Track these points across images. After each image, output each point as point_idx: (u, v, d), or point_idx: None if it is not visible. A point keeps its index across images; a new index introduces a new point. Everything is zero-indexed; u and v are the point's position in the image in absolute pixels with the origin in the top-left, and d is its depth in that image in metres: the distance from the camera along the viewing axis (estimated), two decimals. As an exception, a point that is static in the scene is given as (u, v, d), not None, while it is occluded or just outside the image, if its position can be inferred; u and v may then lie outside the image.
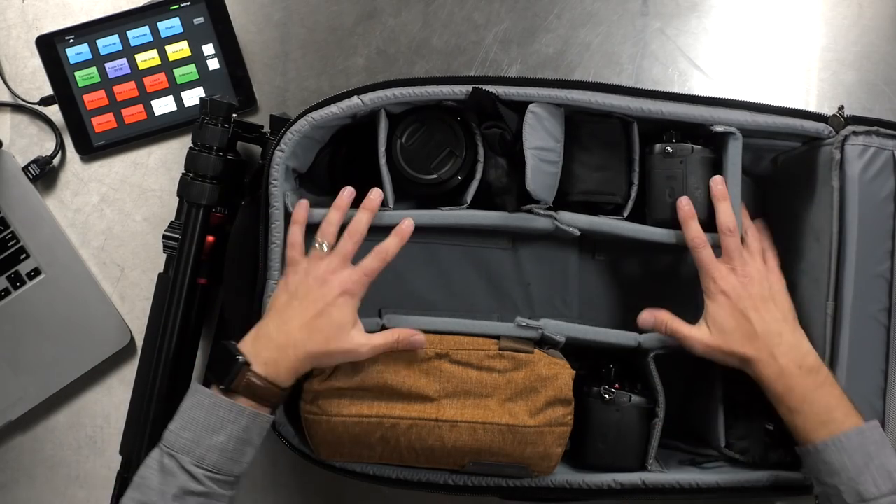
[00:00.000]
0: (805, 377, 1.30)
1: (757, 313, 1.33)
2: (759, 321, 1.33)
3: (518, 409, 1.31)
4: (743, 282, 1.35)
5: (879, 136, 1.37)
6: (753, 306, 1.34)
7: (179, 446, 1.20)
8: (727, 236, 1.37)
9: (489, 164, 1.39)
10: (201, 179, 1.42)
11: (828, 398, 1.29)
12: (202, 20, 1.56)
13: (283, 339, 1.26)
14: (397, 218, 1.37)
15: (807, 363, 1.31)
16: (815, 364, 1.32)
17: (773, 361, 1.31)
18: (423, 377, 1.31)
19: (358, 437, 1.32)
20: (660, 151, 1.41)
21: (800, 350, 1.33)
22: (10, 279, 1.55)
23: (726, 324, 1.34)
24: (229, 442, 1.21)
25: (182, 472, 1.19)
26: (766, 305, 1.35)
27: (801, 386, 1.30)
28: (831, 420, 1.27)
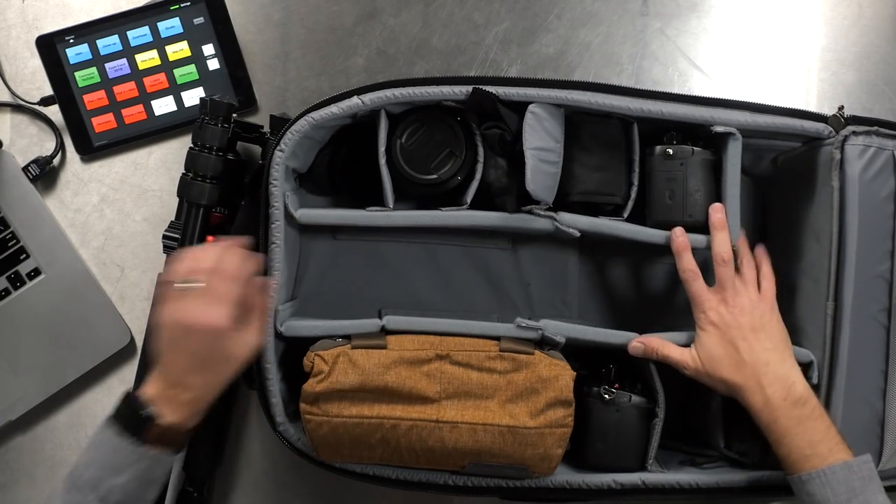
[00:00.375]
0: (790, 409, 1.30)
1: (745, 342, 1.34)
2: (748, 350, 1.33)
3: (518, 411, 1.31)
4: (733, 312, 1.35)
5: (879, 136, 1.38)
6: (742, 336, 1.34)
7: (83, 482, 1.20)
8: (721, 266, 1.37)
9: (489, 164, 1.39)
10: (201, 179, 1.42)
11: (812, 432, 1.29)
12: (202, 20, 1.56)
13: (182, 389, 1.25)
14: (397, 218, 1.37)
15: (793, 394, 1.31)
16: (803, 396, 1.32)
17: (759, 390, 1.32)
18: (423, 378, 1.31)
19: (358, 438, 1.31)
20: (660, 153, 1.41)
21: (787, 380, 1.32)
22: (10, 279, 1.55)
23: (715, 352, 1.35)
24: (131, 483, 1.21)
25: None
26: (756, 335, 1.35)
27: (785, 418, 1.30)
28: (815, 454, 1.27)
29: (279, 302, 1.38)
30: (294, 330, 1.38)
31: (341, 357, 1.31)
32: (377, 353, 1.32)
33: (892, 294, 1.38)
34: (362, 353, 1.32)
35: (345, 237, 1.51)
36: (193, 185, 1.42)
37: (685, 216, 1.40)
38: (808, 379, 1.37)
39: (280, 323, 1.37)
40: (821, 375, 1.38)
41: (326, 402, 1.31)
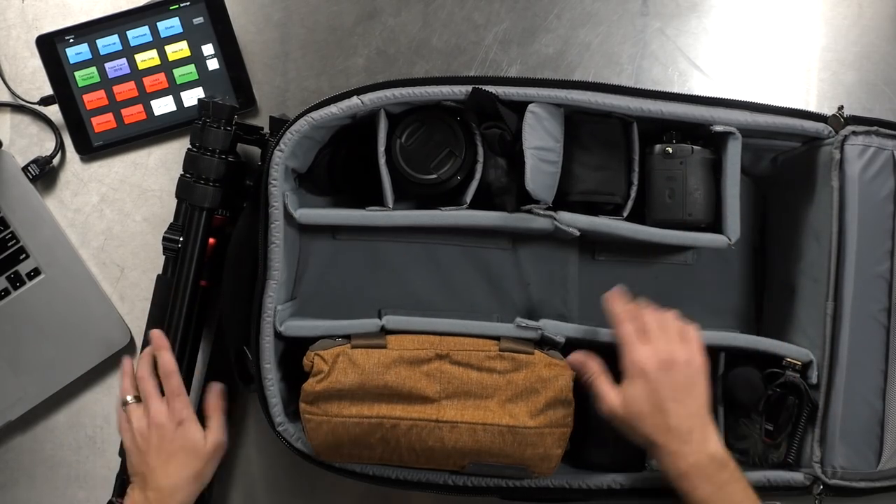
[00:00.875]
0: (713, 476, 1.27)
1: (674, 404, 1.28)
2: (675, 416, 1.28)
3: (518, 411, 1.31)
4: (664, 363, 1.30)
5: (879, 136, 1.38)
6: (672, 397, 1.28)
7: None
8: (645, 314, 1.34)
9: (489, 164, 1.39)
10: (204, 182, 1.42)
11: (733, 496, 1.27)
12: (202, 20, 1.56)
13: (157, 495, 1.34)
14: (397, 218, 1.37)
15: (715, 462, 1.28)
16: (724, 460, 1.28)
17: (680, 459, 1.28)
18: (423, 378, 1.31)
19: (358, 438, 1.31)
20: (660, 152, 1.41)
21: (708, 447, 1.28)
22: (10, 279, 1.55)
23: (642, 408, 1.29)
24: None
25: None
26: (684, 398, 1.29)
27: (706, 485, 1.26)
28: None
29: (279, 302, 1.38)
30: (294, 330, 1.38)
31: (341, 357, 1.31)
32: (377, 352, 1.32)
33: (891, 294, 1.38)
34: (362, 352, 1.32)
35: (344, 237, 1.51)
36: (196, 188, 1.42)
37: (685, 215, 1.40)
38: (808, 379, 1.37)
39: (280, 323, 1.37)
40: (821, 375, 1.38)
41: (326, 401, 1.31)
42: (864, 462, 1.38)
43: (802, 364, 1.38)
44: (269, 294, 1.36)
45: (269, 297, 1.36)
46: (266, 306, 1.37)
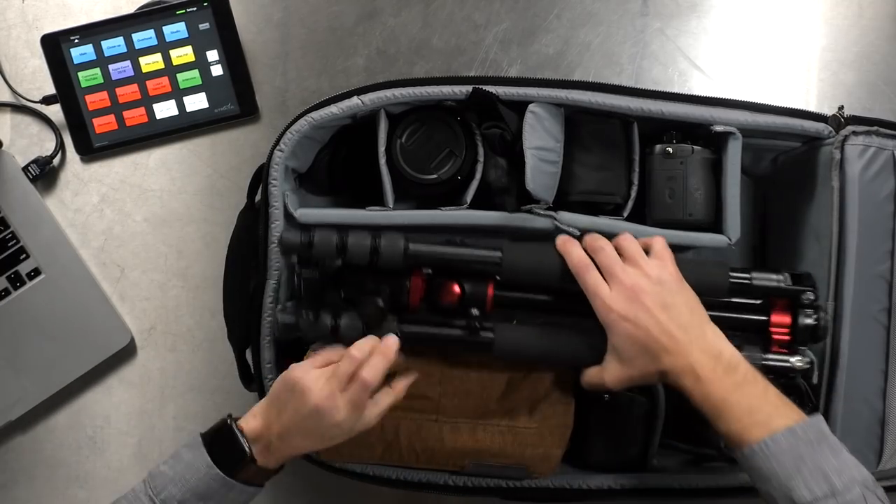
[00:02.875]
0: (722, 378, 1.18)
1: (659, 326, 1.21)
2: (663, 334, 1.21)
3: (518, 410, 1.31)
4: (633, 296, 1.22)
5: (879, 136, 1.37)
6: (654, 320, 1.21)
7: (165, 497, 1.19)
8: (599, 254, 1.27)
9: (489, 164, 1.39)
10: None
11: (749, 399, 1.17)
12: (208, 26, 1.56)
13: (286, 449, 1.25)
14: (396, 218, 1.36)
15: (722, 363, 1.19)
16: (733, 361, 1.20)
17: (688, 369, 1.19)
18: (424, 379, 1.31)
19: (358, 438, 1.29)
20: (660, 152, 1.40)
21: (713, 350, 1.21)
22: (10, 279, 1.55)
23: (632, 350, 1.22)
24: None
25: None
26: (668, 312, 1.22)
27: (717, 389, 1.18)
28: (755, 423, 1.15)
29: (282, 300, 1.38)
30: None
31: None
32: None
33: (892, 294, 1.37)
34: None
35: (345, 236, 1.50)
36: None
37: (685, 214, 1.40)
38: (808, 379, 1.36)
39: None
40: (821, 375, 1.37)
41: None
42: (865, 462, 1.36)
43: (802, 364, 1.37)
44: (269, 294, 1.36)
45: (269, 297, 1.36)
46: (266, 306, 1.36)
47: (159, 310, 1.60)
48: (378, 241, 1.30)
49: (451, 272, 1.32)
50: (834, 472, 1.11)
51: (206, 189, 1.60)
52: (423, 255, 1.32)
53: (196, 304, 1.59)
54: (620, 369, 1.23)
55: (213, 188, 1.60)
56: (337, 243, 1.30)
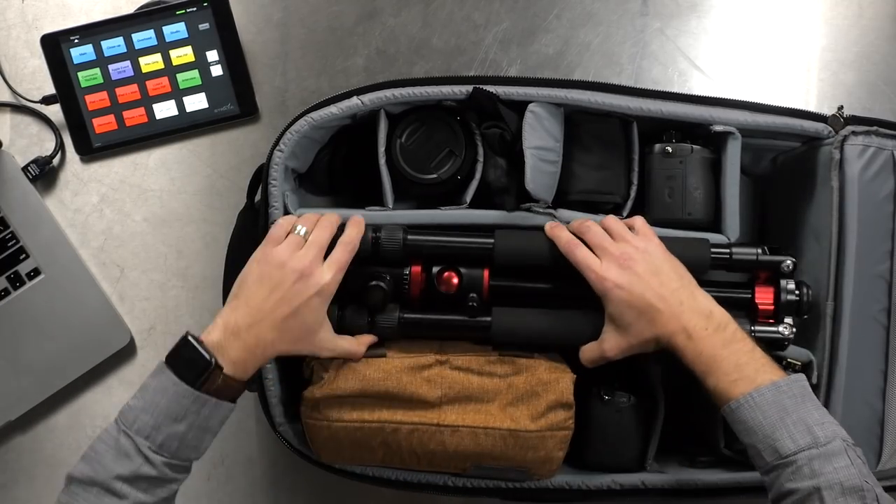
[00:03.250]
0: (713, 336, 1.23)
1: (652, 291, 1.25)
2: (657, 298, 1.25)
3: (519, 414, 1.31)
4: (625, 265, 1.27)
5: (879, 136, 1.37)
6: (646, 285, 1.26)
7: (137, 428, 1.16)
8: (586, 234, 1.31)
9: (489, 163, 1.38)
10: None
11: (737, 355, 1.21)
12: (207, 26, 1.56)
13: (253, 340, 1.23)
14: (396, 217, 1.36)
15: (713, 322, 1.24)
16: (722, 321, 1.24)
17: (680, 330, 1.24)
18: (424, 383, 1.30)
19: (359, 442, 1.31)
20: (659, 151, 1.40)
21: (703, 311, 1.25)
22: (10, 279, 1.55)
23: (628, 316, 1.26)
24: (190, 430, 1.18)
25: (138, 455, 1.15)
26: (658, 278, 1.27)
27: (708, 346, 1.22)
28: (742, 377, 1.19)
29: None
30: None
31: (341, 364, 1.31)
32: (377, 360, 1.32)
33: (891, 294, 1.37)
34: (362, 361, 1.32)
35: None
36: None
37: (684, 214, 1.40)
38: (808, 378, 1.36)
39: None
40: (820, 375, 1.37)
41: (327, 407, 1.31)
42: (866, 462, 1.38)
43: (802, 364, 1.36)
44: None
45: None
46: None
47: (159, 310, 1.59)
48: (378, 233, 1.33)
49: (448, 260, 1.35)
50: (817, 425, 1.15)
51: (206, 189, 1.59)
52: (421, 245, 1.34)
53: (196, 304, 1.59)
54: (618, 338, 1.28)
55: (212, 188, 1.59)
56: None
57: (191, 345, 1.20)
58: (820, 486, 1.11)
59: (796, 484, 1.12)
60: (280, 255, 1.26)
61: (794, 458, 1.13)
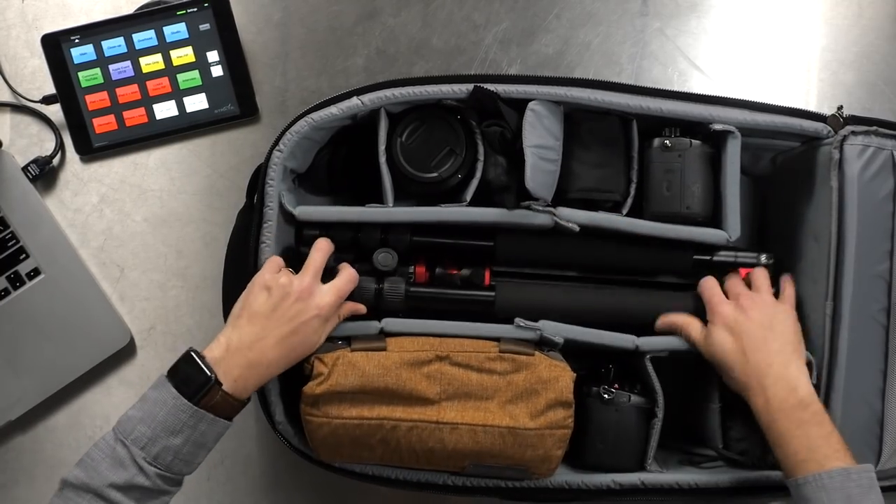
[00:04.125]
0: (791, 412, 1.26)
1: (752, 342, 1.32)
2: (753, 350, 1.31)
3: (518, 412, 1.30)
4: (745, 310, 1.34)
5: (878, 136, 1.37)
6: (751, 334, 1.32)
7: (134, 438, 1.18)
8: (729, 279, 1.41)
9: (489, 162, 1.38)
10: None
11: (811, 438, 1.24)
12: (208, 27, 1.56)
13: (256, 357, 1.25)
14: (397, 214, 1.37)
15: (795, 397, 1.28)
16: (805, 400, 1.28)
17: (761, 391, 1.29)
18: (423, 380, 1.30)
19: (358, 439, 1.31)
20: (658, 145, 1.40)
21: (790, 383, 1.29)
22: (10, 279, 1.54)
23: (724, 347, 1.33)
24: (185, 445, 1.20)
25: (133, 465, 1.17)
26: (765, 334, 1.32)
27: (784, 420, 1.26)
28: (812, 459, 1.23)
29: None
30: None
31: (341, 360, 1.31)
32: (377, 355, 1.31)
33: (891, 294, 1.37)
34: (362, 355, 1.31)
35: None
36: None
37: (682, 207, 1.40)
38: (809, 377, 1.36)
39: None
40: (820, 375, 1.36)
41: (326, 403, 1.30)
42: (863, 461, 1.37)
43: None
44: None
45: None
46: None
47: (159, 310, 1.59)
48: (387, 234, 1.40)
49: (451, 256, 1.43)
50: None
51: (206, 189, 1.59)
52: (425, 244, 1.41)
53: (195, 303, 1.59)
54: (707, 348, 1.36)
55: (212, 188, 1.59)
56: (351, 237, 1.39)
57: (192, 360, 1.22)
58: None
59: None
60: (280, 277, 1.29)
61: None
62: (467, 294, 1.40)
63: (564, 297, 1.40)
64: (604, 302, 1.42)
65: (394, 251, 1.39)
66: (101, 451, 1.18)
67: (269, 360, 1.25)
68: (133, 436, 1.18)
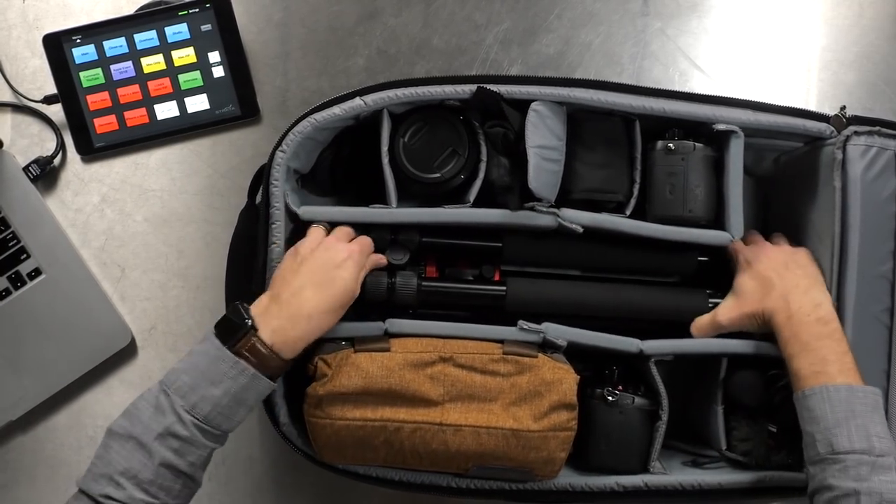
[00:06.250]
0: (812, 325, 1.28)
1: (776, 272, 1.34)
2: (778, 277, 1.33)
3: (522, 414, 1.28)
4: (767, 251, 1.37)
5: (881, 136, 1.35)
6: (773, 267, 1.35)
7: (176, 387, 1.17)
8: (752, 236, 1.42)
9: (492, 163, 1.36)
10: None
11: (827, 351, 1.26)
12: (210, 27, 1.54)
13: (295, 309, 1.23)
14: (399, 215, 1.34)
15: (817, 313, 1.29)
16: (827, 316, 1.30)
17: (785, 307, 1.30)
18: (427, 381, 1.28)
19: (361, 441, 1.29)
20: (662, 148, 1.38)
21: (814, 301, 1.31)
22: (11, 279, 1.52)
23: (747, 286, 1.35)
24: (224, 397, 1.18)
25: (172, 412, 1.16)
26: (788, 269, 1.34)
27: (805, 332, 1.28)
28: (823, 372, 1.24)
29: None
30: None
31: (344, 361, 1.29)
32: (381, 356, 1.30)
33: (894, 294, 1.35)
34: (366, 356, 1.29)
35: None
36: None
37: (685, 210, 1.38)
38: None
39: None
40: (823, 375, 1.35)
41: (330, 405, 1.28)
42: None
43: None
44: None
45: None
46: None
47: (160, 310, 1.57)
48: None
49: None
50: (877, 436, 1.19)
51: (207, 189, 1.57)
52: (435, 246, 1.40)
53: (196, 303, 1.57)
54: (732, 305, 1.37)
55: (213, 188, 1.57)
56: None
57: (235, 309, 1.23)
58: (860, 490, 1.15)
59: (839, 482, 1.17)
60: (308, 242, 1.30)
61: (845, 456, 1.18)
62: (479, 288, 1.39)
63: (575, 293, 1.39)
64: (613, 298, 1.40)
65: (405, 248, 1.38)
66: (145, 401, 1.19)
67: (309, 309, 1.24)
68: (176, 385, 1.18)
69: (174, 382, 1.18)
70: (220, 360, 1.18)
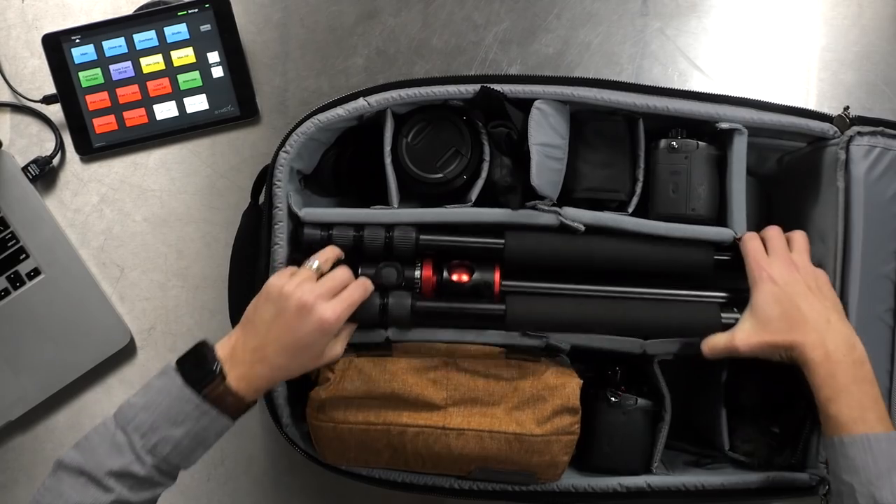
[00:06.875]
0: (850, 367, 1.21)
1: (805, 300, 1.25)
2: (808, 307, 1.24)
3: (525, 418, 1.28)
4: (790, 268, 1.28)
5: (885, 136, 1.33)
6: (801, 292, 1.26)
7: (135, 425, 1.13)
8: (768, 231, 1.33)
9: (494, 163, 1.34)
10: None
11: (865, 396, 1.20)
12: (209, 28, 1.52)
13: (260, 360, 1.18)
14: (401, 216, 1.33)
15: (854, 354, 1.22)
16: (862, 358, 1.23)
17: (820, 344, 1.22)
18: (430, 385, 1.27)
19: (365, 444, 1.28)
20: (665, 146, 1.36)
21: (849, 339, 1.24)
22: (10, 279, 1.51)
23: (772, 311, 1.25)
24: (185, 438, 1.14)
25: (131, 451, 1.12)
26: (815, 293, 1.26)
27: (843, 374, 1.21)
28: (862, 419, 1.18)
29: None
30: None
31: (347, 365, 1.28)
32: (383, 360, 1.29)
33: (898, 294, 1.34)
34: (368, 360, 1.29)
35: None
36: None
37: (688, 209, 1.36)
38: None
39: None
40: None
41: (333, 408, 1.28)
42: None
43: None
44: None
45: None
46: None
47: (159, 310, 1.56)
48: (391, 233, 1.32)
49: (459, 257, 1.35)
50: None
51: (206, 189, 1.56)
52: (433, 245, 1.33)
53: (196, 303, 1.56)
54: (754, 332, 1.27)
55: (212, 188, 1.56)
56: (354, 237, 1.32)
57: (200, 351, 1.18)
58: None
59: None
60: (287, 286, 1.20)
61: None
62: (477, 308, 1.33)
63: (577, 311, 1.33)
64: (616, 314, 1.35)
65: (398, 265, 1.32)
66: (100, 436, 1.14)
67: (273, 364, 1.19)
68: (134, 423, 1.13)
69: (132, 419, 1.13)
70: (183, 401, 1.14)
